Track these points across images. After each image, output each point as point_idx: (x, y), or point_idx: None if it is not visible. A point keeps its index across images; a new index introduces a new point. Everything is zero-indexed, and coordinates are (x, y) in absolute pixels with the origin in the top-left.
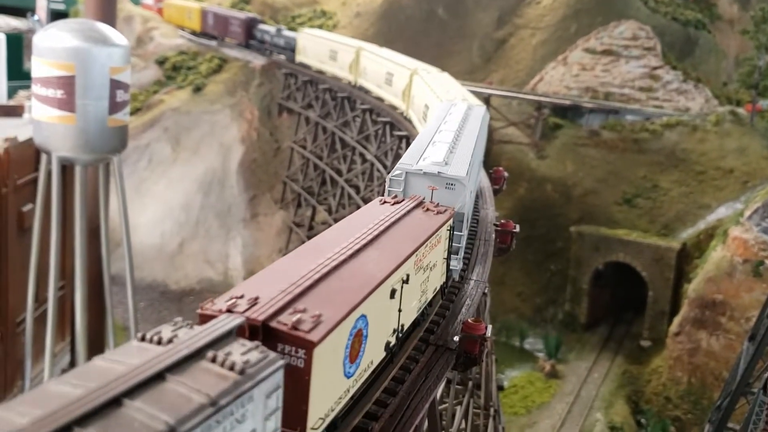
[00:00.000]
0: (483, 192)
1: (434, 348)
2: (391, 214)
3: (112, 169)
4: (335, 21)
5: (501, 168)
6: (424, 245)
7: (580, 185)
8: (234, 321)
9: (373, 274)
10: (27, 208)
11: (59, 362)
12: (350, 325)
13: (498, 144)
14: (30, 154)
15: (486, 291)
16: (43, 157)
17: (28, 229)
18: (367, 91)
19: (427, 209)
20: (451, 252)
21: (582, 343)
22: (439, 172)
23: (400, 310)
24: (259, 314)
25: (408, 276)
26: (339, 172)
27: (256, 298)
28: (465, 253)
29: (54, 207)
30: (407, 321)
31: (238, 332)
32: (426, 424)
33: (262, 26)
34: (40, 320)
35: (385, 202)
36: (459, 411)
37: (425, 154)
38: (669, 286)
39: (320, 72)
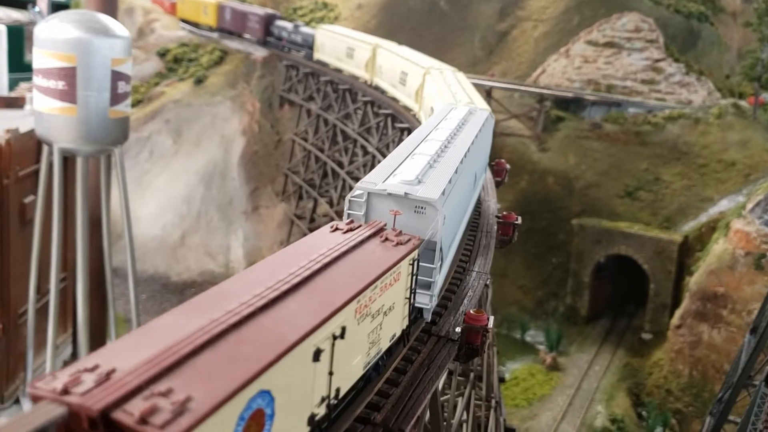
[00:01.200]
0: (485, 185)
1: (436, 339)
2: (339, 245)
3: (114, 161)
4: (336, 13)
5: (503, 160)
6: (373, 286)
7: (582, 178)
8: (50, 413)
9: (284, 334)
10: (28, 199)
11: (61, 354)
12: (239, 406)
13: (500, 136)
14: (31, 145)
15: (488, 282)
16: (45, 149)
17: (30, 220)
18: (383, 92)
19: (386, 239)
20: (414, 290)
21: (583, 335)
22: (406, 194)
23: (331, 373)
24: (98, 399)
25: (344, 329)
26: (340, 165)
27: (111, 372)
28: (464, 251)
29: (55, 199)
30: (346, 383)
31: (71, 425)
32: (428, 414)
33: (279, 22)
34: (41, 312)
35: (337, 228)
36: (461, 402)
37: (398, 170)
38: (671, 279)
39: (338, 70)
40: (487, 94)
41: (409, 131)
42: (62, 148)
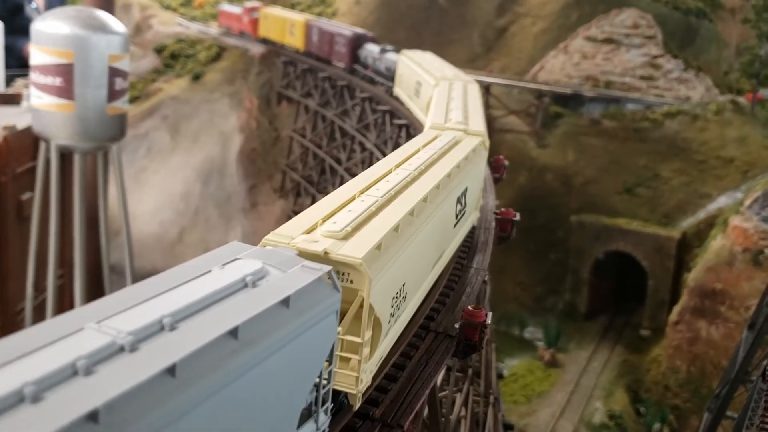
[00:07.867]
0: (484, 181)
1: (434, 335)
2: None
3: (111, 158)
4: (334, 9)
5: (501, 157)
6: None
7: (580, 174)
8: None
9: None
10: (26, 196)
11: None
12: None
13: (499, 133)
14: (29, 142)
15: (486, 279)
16: (42, 146)
17: (27, 217)
18: None
19: None
20: None
21: (582, 332)
22: None
23: None
24: None
25: None
26: (338, 161)
27: None
28: (463, 247)
29: (53, 195)
30: None
31: None
32: (426, 410)
33: (368, 45)
34: (39, 309)
35: None
36: (459, 398)
37: None
38: (669, 276)
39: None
40: (486, 90)
41: (408, 127)
42: (59, 144)
